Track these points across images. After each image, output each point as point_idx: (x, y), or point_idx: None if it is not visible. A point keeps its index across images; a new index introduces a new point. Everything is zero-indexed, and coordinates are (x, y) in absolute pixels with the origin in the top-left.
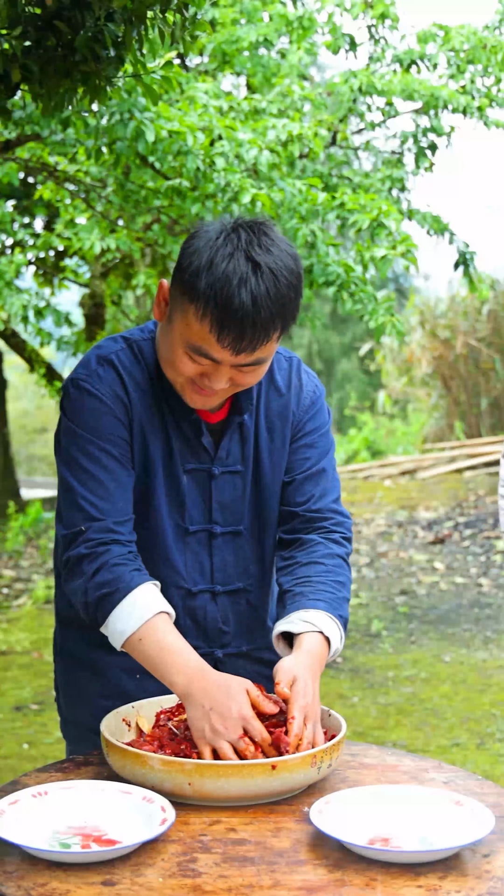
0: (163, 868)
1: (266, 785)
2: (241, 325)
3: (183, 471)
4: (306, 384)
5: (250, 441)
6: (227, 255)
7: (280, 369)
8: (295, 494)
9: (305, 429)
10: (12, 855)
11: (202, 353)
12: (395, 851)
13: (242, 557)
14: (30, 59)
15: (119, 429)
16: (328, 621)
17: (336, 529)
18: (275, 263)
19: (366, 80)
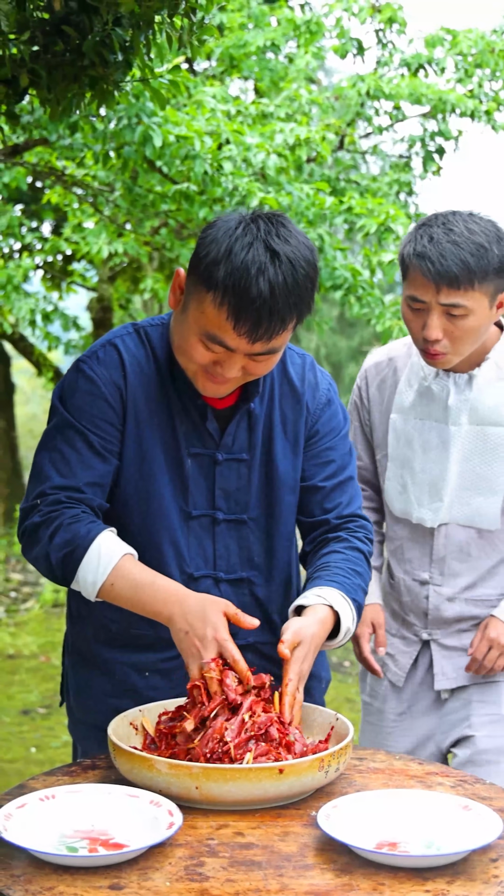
0: (170, 872)
1: (273, 789)
2: (258, 314)
3: (187, 454)
4: (321, 382)
5: (259, 430)
6: (247, 245)
7: (293, 364)
8: (323, 503)
9: (323, 429)
10: (19, 859)
11: (217, 340)
12: (403, 856)
13: (246, 547)
14: (38, 63)
15: (106, 412)
16: (340, 599)
17: (359, 531)
18: (293, 253)
19: (374, 84)
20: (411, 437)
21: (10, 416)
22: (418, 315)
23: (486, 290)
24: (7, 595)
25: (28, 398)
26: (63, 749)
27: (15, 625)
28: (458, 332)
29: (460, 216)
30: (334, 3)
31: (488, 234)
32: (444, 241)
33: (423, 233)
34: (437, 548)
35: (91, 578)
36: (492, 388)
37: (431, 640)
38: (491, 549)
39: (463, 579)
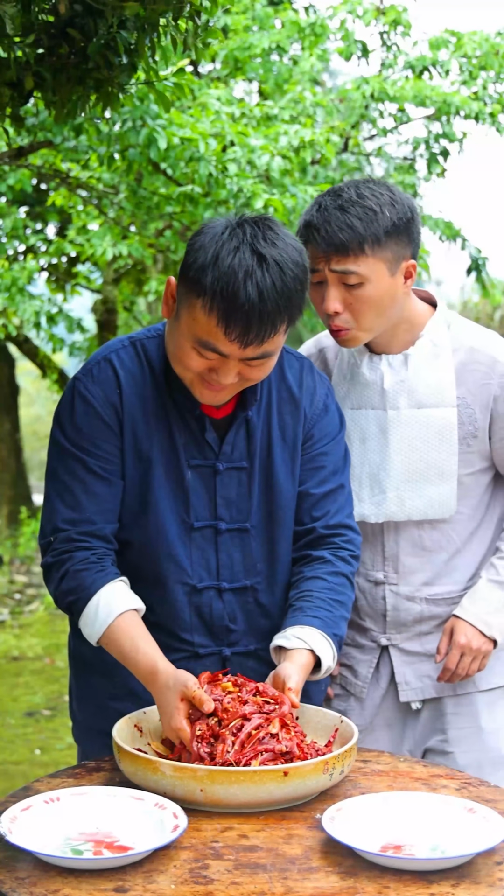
0: (175, 875)
1: (278, 791)
2: (247, 318)
3: (187, 466)
4: (318, 386)
5: (257, 438)
6: (233, 249)
7: (291, 368)
8: (312, 510)
9: (318, 434)
10: (24, 861)
11: (210, 347)
12: (408, 859)
13: (249, 555)
14: (43, 66)
15: (103, 432)
16: (320, 640)
17: (345, 547)
18: (280, 256)
19: (378, 86)
20: (347, 429)
21: (15, 418)
22: (318, 289)
23: (382, 256)
24: (11, 597)
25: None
26: (68, 751)
27: (19, 627)
28: (358, 304)
29: (354, 183)
30: (339, 5)
31: (379, 198)
32: (332, 207)
33: (315, 203)
34: (389, 544)
35: (88, 631)
36: (429, 368)
37: (391, 645)
38: (446, 540)
39: (420, 576)
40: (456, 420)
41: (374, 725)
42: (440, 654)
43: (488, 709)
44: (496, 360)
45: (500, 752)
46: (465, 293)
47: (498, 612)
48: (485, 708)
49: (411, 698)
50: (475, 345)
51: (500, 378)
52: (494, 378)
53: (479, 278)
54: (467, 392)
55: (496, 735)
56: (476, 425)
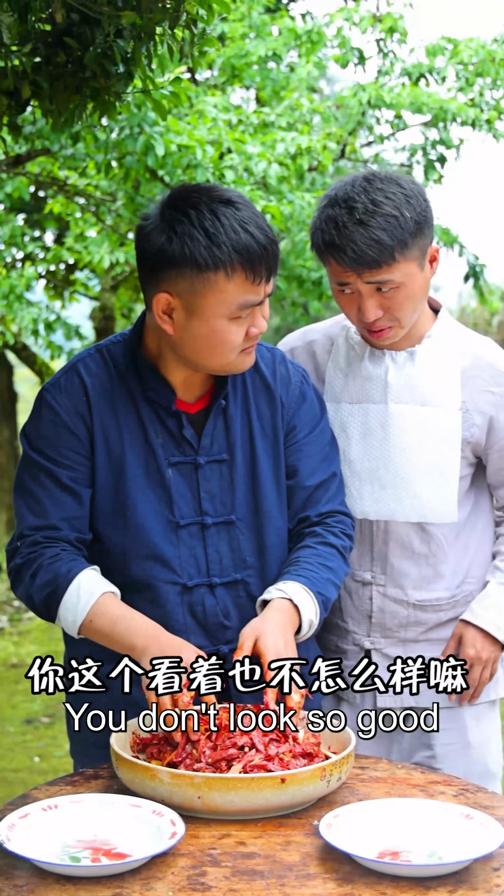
0: (172, 882)
1: (275, 798)
2: (263, 255)
3: (167, 465)
4: (293, 375)
5: (236, 429)
6: (211, 214)
7: (263, 358)
8: (305, 502)
9: (299, 423)
10: (22, 868)
11: (246, 304)
12: (405, 865)
13: (237, 548)
14: (40, 75)
15: (70, 442)
16: (302, 592)
17: (335, 524)
18: (241, 197)
19: (375, 93)
20: (346, 423)
21: (13, 426)
22: (350, 298)
23: (412, 256)
24: (10, 604)
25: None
26: (66, 758)
27: (18, 634)
28: (395, 305)
29: (361, 188)
30: (335, 12)
31: (395, 199)
32: (350, 223)
33: (327, 218)
34: (378, 544)
35: (71, 617)
36: (436, 367)
37: (374, 649)
38: (435, 545)
39: (409, 580)
40: (460, 423)
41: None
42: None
43: (476, 723)
44: (499, 369)
45: (488, 766)
46: (463, 299)
47: None
48: (472, 722)
49: (389, 705)
50: (479, 352)
51: (501, 388)
52: (496, 387)
53: (476, 285)
54: (468, 397)
55: (483, 749)
56: (473, 431)
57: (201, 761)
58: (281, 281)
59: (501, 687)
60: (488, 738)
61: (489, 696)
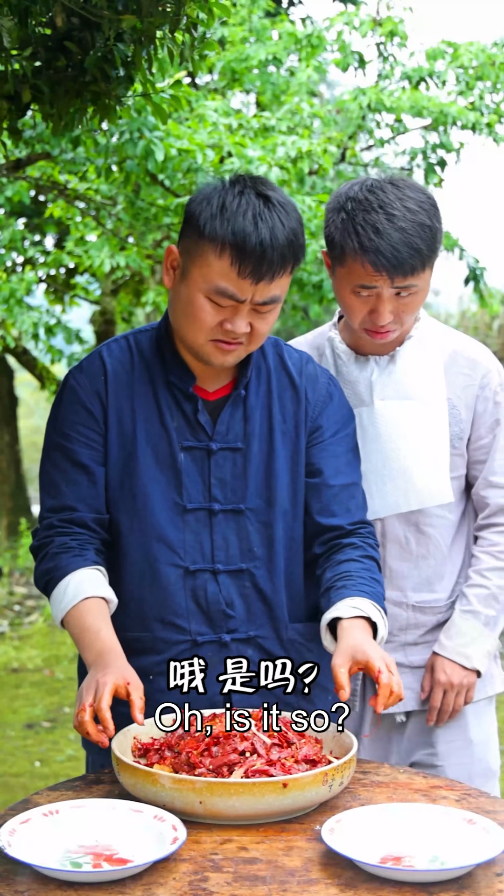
0: (174, 887)
1: (277, 803)
2: (259, 253)
3: (180, 449)
4: (320, 375)
5: (255, 420)
6: (238, 194)
7: (290, 357)
8: (332, 504)
9: (327, 423)
10: (24, 874)
11: (225, 293)
12: (408, 871)
13: (245, 538)
14: (40, 79)
15: (87, 420)
16: (373, 609)
17: (369, 536)
18: (283, 199)
19: (375, 97)
20: None
21: (14, 430)
22: (366, 301)
23: (432, 265)
24: (11, 608)
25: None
26: (68, 763)
27: (19, 638)
28: (405, 309)
29: (392, 192)
30: (335, 16)
31: (427, 210)
32: (391, 230)
33: (364, 223)
34: None
35: (55, 611)
36: (418, 363)
37: None
38: (433, 546)
39: (408, 581)
40: (447, 410)
41: (363, 742)
42: (424, 691)
43: (476, 720)
44: (478, 362)
45: (489, 763)
46: (464, 303)
47: (475, 643)
48: (473, 719)
49: (391, 710)
50: (458, 348)
51: (481, 379)
52: (476, 379)
53: (476, 288)
54: (453, 393)
55: (485, 747)
56: (461, 426)
57: (202, 767)
58: None
59: (499, 683)
60: (489, 735)
61: (486, 692)
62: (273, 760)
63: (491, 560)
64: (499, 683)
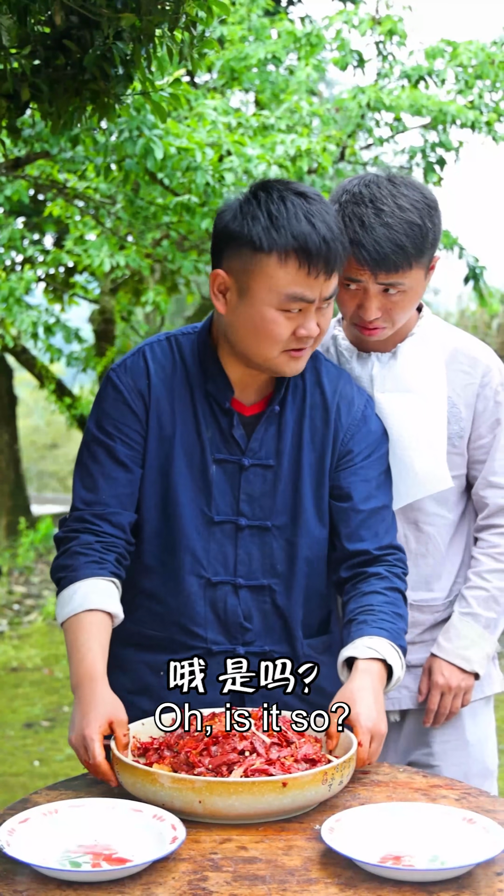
0: (173, 887)
1: (276, 802)
2: (325, 249)
3: (212, 461)
4: (357, 397)
5: (288, 436)
6: (278, 200)
7: (328, 374)
8: (360, 529)
9: (358, 447)
10: (23, 874)
11: (297, 297)
12: (408, 870)
13: (269, 554)
14: (39, 77)
15: (129, 419)
16: (390, 649)
17: (398, 564)
18: (313, 191)
19: (374, 95)
20: None
21: (13, 429)
22: (353, 294)
23: (423, 265)
24: (10, 608)
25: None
26: (67, 762)
27: (18, 637)
28: (395, 307)
29: (386, 188)
30: (334, 15)
31: (419, 209)
32: (377, 224)
33: (352, 214)
34: None
35: (58, 612)
36: (419, 359)
37: None
38: (432, 545)
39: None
40: (445, 403)
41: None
42: (421, 694)
43: (472, 720)
44: (478, 360)
45: (486, 763)
46: (463, 302)
47: (475, 646)
48: (469, 720)
49: (386, 707)
50: (459, 346)
51: (482, 378)
52: (477, 378)
53: (476, 287)
54: (453, 391)
55: (481, 747)
56: (462, 424)
57: (201, 767)
58: None
59: (497, 683)
60: (486, 735)
61: (483, 692)
62: (273, 760)
63: (490, 562)
64: (497, 684)
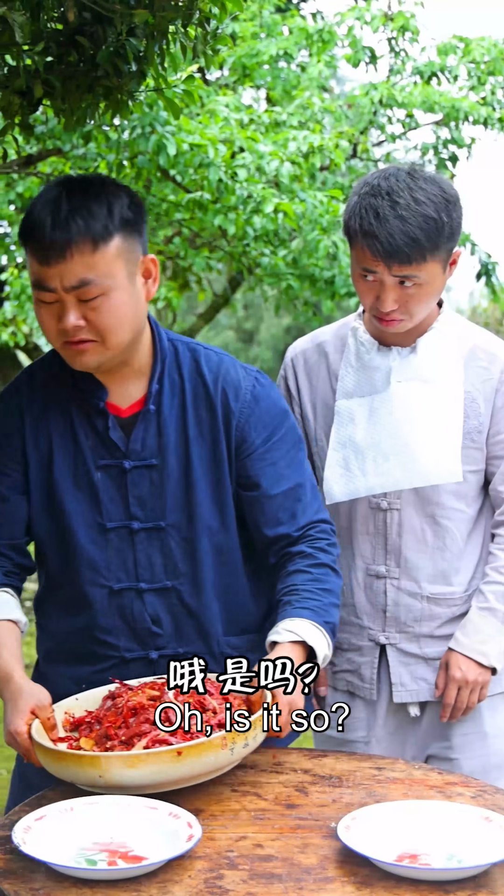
0: (190, 885)
1: (174, 771)
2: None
3: (95, 468)
4: (243, 380)
5: (170, 433)
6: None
7: (208, 361)
8: (277, 513)
9: (254, 430)
10: (39, 872)
11: (38, 285)
12: (425, 869)
13: (168, 554)
14: (52, 74)
15: (7, 444)
16: (312, 629)
17: (320, 537)
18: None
19: (386, 92)
20: (354, 413)
21: None
22: (371, 285)
23: (439, 258)
24: None
25: None
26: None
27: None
28: (412, 301)
29: (404, 181)
30: (346, 11)
31: (436, 203)
32: (391, 216)
33: (368, 206)
34: (391, 537)
35: None
36: (437, 353)
37: (389, 644)
38: (449, 539)
39: (423, 572)
40: (462, 396)
41: (377, 735)
42: (438, 689)
43: (491, 713)
44: (497, 356)
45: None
46: (475, 298)
47: (492, 640)
48: (488, 713)
49: (405, 700)
50: (477, 342)
51: (500, 374)
52: (495, 374)
53: (488, 283)
54: (472, 387)
55: (500, 739)
56: (480, 420)
57: (115, 739)
58: (293, 280)
59: None
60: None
61: (501, 686)
62: (177, 730)
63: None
64: None
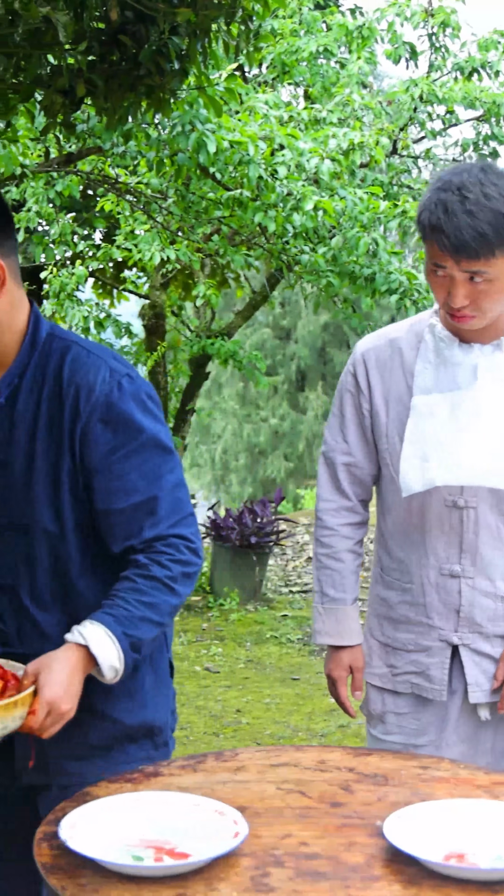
0: (236, 882)
1: None
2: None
3: None
4: (102, 381)
5: (21, 429)
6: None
7: (73, 361)
8: (126, 527)
9: (103, 438)
10: (85, 867)
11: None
12: (473, 869)
13: (9, 552)
14: (95, 73)
15: None
16: (104, 638)
17: (165, 551)
18: None
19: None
20: (433, 409)
21: None
22: (442, 281)
23: None
24: None
25: None
26: None
27: None
28: (483, 297)
29: (476, 176)
30: (386, 7)
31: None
32: (460, 211)
33: (438, 200)
34: (467, 535)
35: None
36: None
37: (462, 644)
38: None
39: (498, 571)
40: None
41: (448, 740)
42: (497, 680)
43: None
44: None
45: None
46: None
47: None
48: None
49: (480, 700)
50: None
51: None
52: None
53: None
54: None
55: None
56: None
57: None
58: (333, 277)
59: None
60: None
61: None
62: None
63: None
64: None
